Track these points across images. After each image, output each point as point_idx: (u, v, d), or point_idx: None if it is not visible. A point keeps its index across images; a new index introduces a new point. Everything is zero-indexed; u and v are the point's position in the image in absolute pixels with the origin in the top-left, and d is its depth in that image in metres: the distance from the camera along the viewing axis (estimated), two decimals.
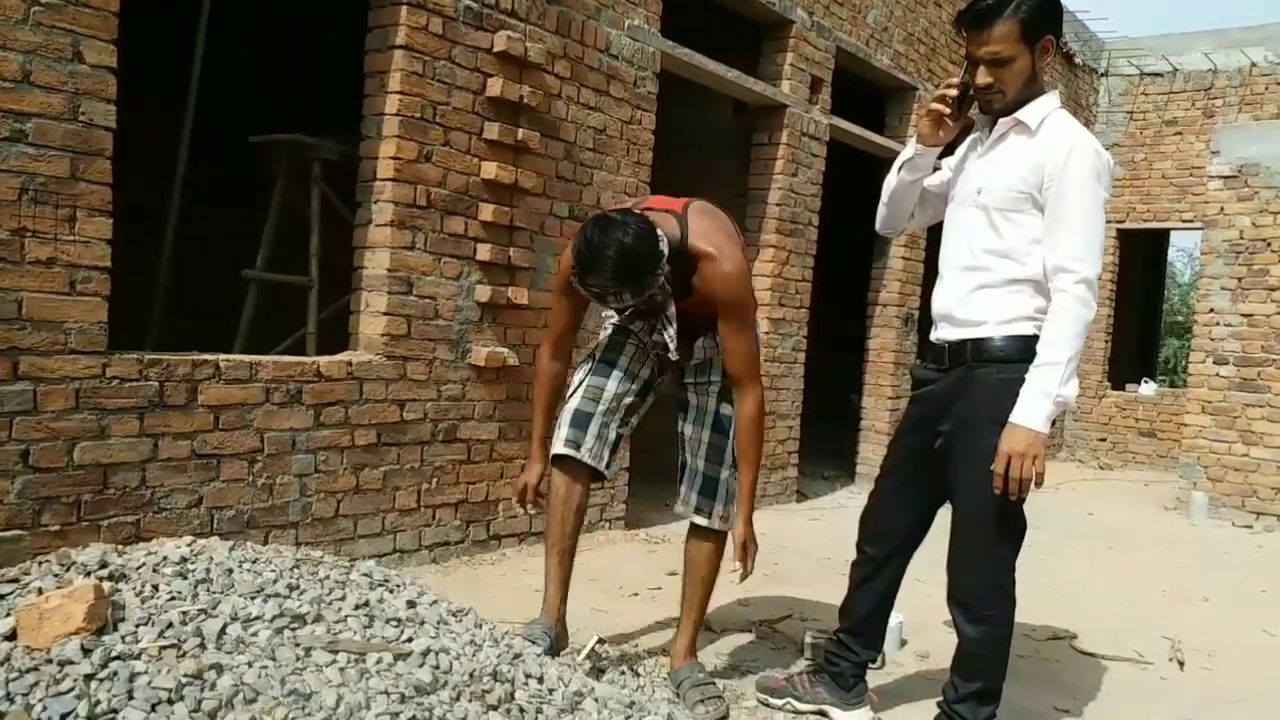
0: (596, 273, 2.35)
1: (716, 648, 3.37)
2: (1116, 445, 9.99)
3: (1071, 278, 2.35)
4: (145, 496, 3.16)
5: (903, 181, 2.75)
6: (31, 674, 1.80)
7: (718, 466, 2.76)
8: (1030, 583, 2.61)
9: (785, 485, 6.32)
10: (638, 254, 2.33)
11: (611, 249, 2.32)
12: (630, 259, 2.32)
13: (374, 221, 3.89)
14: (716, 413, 2.76)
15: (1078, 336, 2.35)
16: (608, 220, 2.38)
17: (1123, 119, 9.96)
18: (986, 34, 2.41)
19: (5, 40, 2.75)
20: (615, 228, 2.34)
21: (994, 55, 2.42)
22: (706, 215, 2.61)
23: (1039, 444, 2.33)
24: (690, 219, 2.55)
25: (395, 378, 3.91)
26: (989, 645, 2.53)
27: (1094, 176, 2.37)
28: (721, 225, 2.62)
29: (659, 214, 2.53)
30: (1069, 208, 2.36)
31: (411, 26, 3.81)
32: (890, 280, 7.27)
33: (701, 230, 2.53)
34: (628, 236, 2.33)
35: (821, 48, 6.11)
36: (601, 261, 2.33)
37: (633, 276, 2.34)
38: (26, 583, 2.13)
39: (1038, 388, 2.34)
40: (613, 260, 2.32)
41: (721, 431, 2.76)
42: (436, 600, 2.46)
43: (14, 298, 2.83)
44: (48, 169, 2.86)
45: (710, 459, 2.78)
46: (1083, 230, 2.36)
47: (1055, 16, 2.47)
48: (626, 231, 2.33)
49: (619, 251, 2.31)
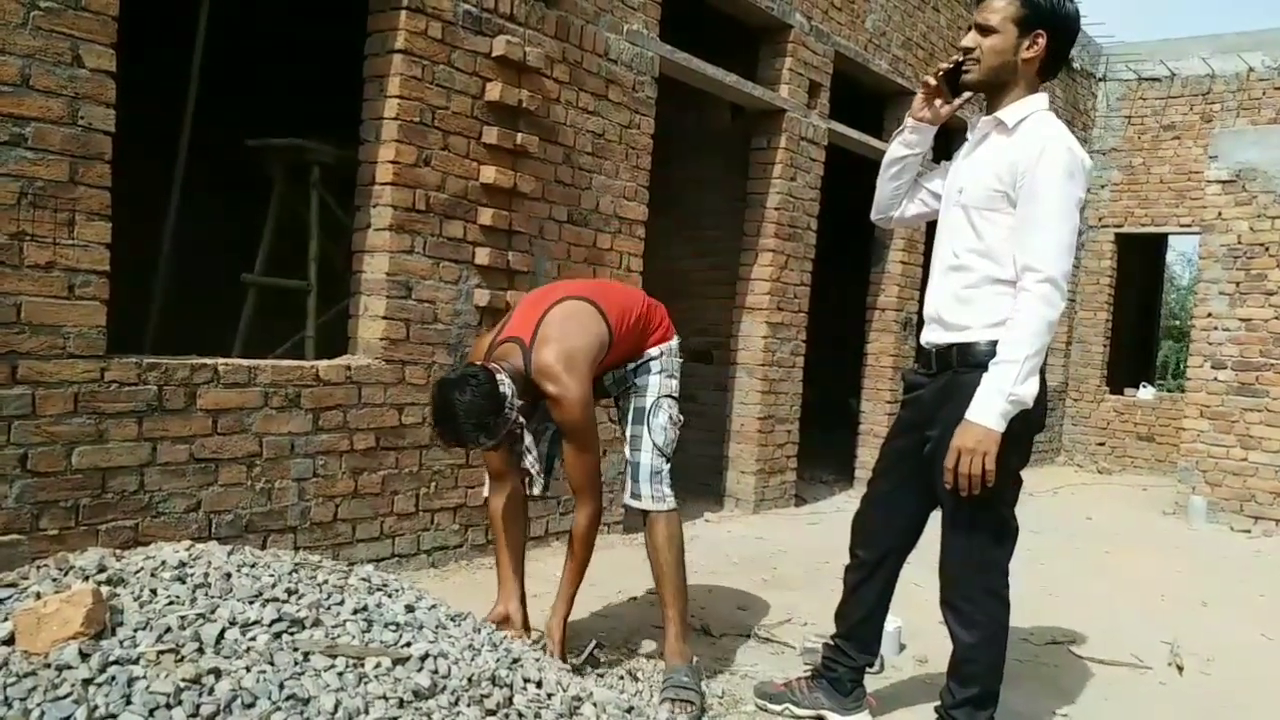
0: (449, 430, 2.63)
1: (715, 652, 3.37)
2: (1115, 449, 9.99)
3: (1035, 276, 2.34)
4: (144, 501, 3.16)
5: (893, 154, 2.77)
6: (29, 679, 1.80)
7: (639, 452, 2.96)
8: (1028, 587, 2.62)
9: (784, 489, 6.32)
10: (478, 407, 2.58)
11: (455, 408, 2.57)
12: (472, 412, 2.58)
13: (373, 225, 3.90)
14: (635, 408, 3.00)
15: (1038, 335, 2.34)
16: (446, 383, 2.64)
17: (1121, 124, 9.98)
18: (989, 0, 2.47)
19: (4, 44, 2.75)
20: (453, 388, 2.59)
21: (984, 21, 2.48)
22: (550, 344, 2.74)
23: (991, 441, 2.33)
24: (535, 351, 2.73)
25: (394, 382, 3.91)
26: (983, 649, 2.53)
27: (1065, 175, 2.37)
28: (564, 353, 2.72)
29: (508, 345, 2.78)
30: (1038, 206, 2.36)
31: (411, 31, 3.82)
32: (889, 284, 7.28)
33: (541, 366, 2.71)
34: (465, 394, 2.58)
35: (820, 52, 6.12)
36: (449, 420, 2.60)
37: (479, 426, 2.60)
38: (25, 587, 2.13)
39: (993, 385, 2.34)
40: (460, 418, 2.58)
41: (639, 422, 2.98)
42: (435, 605, 2.46)
43: (13, 301, 2.83)
44: (47, 173, 2.87)
45: (634, 447, 2.97)
46: (1051, 229, 2.35)
47: (1059, 21, 2.47)
48: (464, 390, 2.58)
49: (462, 409, 2.57)
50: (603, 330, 2.82)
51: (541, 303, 2.86)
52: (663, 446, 2.95)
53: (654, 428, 2.95)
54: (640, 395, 2.99)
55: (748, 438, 6.05)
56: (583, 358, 2.74)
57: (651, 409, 2.96)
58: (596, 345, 2.79)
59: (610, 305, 2.88)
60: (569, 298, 2.87)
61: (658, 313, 3.06)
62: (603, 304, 2.87)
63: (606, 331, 2.83)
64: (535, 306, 2.85)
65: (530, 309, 2.86)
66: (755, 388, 6.01)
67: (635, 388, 3.00)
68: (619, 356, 2.94)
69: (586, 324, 2.81)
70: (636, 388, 3.00)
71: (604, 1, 4.65)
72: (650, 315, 3.02)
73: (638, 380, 3.00)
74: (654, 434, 2.95)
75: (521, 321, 2.83)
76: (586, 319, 2.82)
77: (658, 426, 2.95)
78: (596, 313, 2.84)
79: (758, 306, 6.00)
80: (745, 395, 6.05)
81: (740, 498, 6.08)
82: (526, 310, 2.87)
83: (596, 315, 2.83)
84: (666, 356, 3.02)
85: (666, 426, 2.96)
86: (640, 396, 2.99)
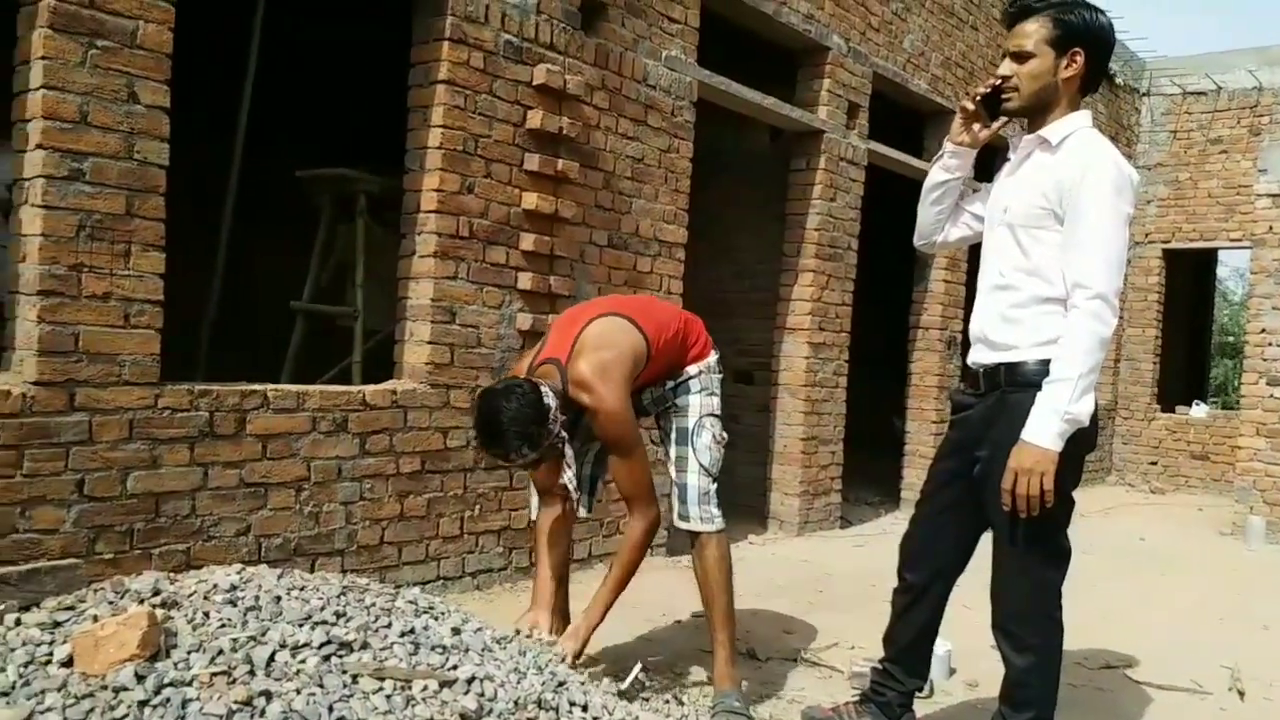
0: (493, 441, 2.61)
1: (762, 676, 3.34)
2: (1168, 469, 9.78)
3: (1085, 294, 2.31)
4: (195, 525, 3.22)
5: (934, 180, 2.76)
6: (87, 700, 1.84)
7: (685, 473, 2.94)
8: (1081, 609, 2.57)
9: (829, 511, 6.27)
10: (524, 416, 2.57)
11: (501, 417, 2.56)
12: (517, 421, 2.56)
13: (418, 252, 3.96)
14: (677, 429, 2.99)
15: (1090, 353, 2.30)
16: (491, 393, 2.64)
17: (1166, 138, 9.84)
18: (1020, 25, 2.46)
19: (64, 83, 2.85)
20: (499, 398, 2.59)
21: (1018, 48, 2.46)
22: (585, 358, 2.73)
23: (1048, 461, 2.29)
24: (570, 367, 2.72)
25: (439, 406, 3.95)
26: (1037, 674, 2.49)
27: (1113, 191, 2.34)
28: (599, 365, 2.72)
29: (546, 367, 2.77)
30: (1085, 223, 2.33)
31: (453, 62, 3.89)
32: (932, 303, 7.22)
33: (578, 379, 2.70)
34: (511, 403, 2.57)
35: (858, 73, 6.12)
36: (495, 430, 2.59)
37: (524, 435, 2.58)
38: (83, 610, 2.18)
39: (1048, 405, 2.30)
40: (504, 427, 2.56)
41: (683, 443, 2.97)
42: (481, 627, 2.48)
43: (72, 331, 2.91)
44: (104, 206, 2.95)
45: (679, 468, 2.96)
46: (1100, 245, 2.32)
47: (1094, 35, 2.45)
48: (509, 399, 2.57)
49: (507, 418, 2.56)
50: (638, 342, 2.81)
51: (575, 323, 2.86)
52: (708, 466, 2.93)
53: (698, 448, 2.94)
54: (682, 415, 2.98)
55: (791, 459, 6.01)
56: (617, 369, 2.73)
57: (695, 429, 2.95)
58: (631, 357, 2.78)
59: (646, 320, 2.87)
60: (602, 315, 2.86)
61: (695, 327, 3.05)
62: (638, 318, 2.86)
63: (643, 343, 2.81)
64: (570, 327, 2.86)
65: (565, 329, 2.86)
66: (798, 409, 5.98)
67: (676, 408, 2.99)
68: (658, 371, 2.92)
69: (620, 337, 2.80)
70: (677, 407, 2.99)
71: (643, 28, 4.70)
72: (688, 330, 3.01)
73: (678, 400, 2.99)
74: (699, 454, 2.93)
75: (557, 342, 2.84)
76: (620, 333, 2.81)
77: (702, 446, 2.94)
78: (631, 326, 2.83)
79: (799, 327, 5.98)
80: (788, 416, 6.02)
81: (784, 520, 6.04)
82: (561, 330, 2.88)
83: (631, 328, 2.83)
84: (706, 374, 3.00)
85: (711, 446, 2.95)
86: (682, 416, 2.98)
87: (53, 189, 2.85)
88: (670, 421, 3.01)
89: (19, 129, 2.91)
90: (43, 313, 2.85)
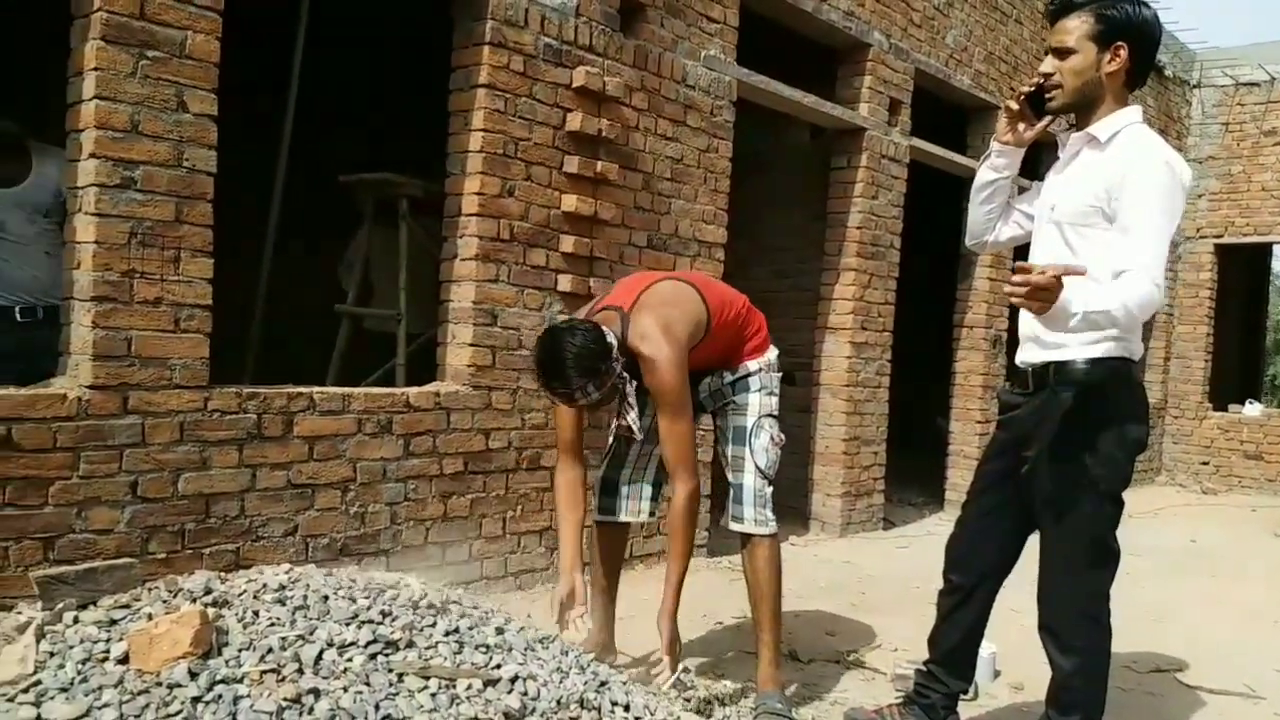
0: (557, 377, 2.60)
1: (804, 677, 3.33)
2: (1220, 469, 9.58)
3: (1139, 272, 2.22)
4: (244, 525, 3.28)
5: (982, 179, 2.73)
6: (143, 696, 1.88)
7: (741, 474, 2.92)
8: (1130, 611, 2.54)
9: (871, 512, 6.22)
10: (588, 351, 2.58)
11: (566, 353, 2.56)
12: (583, 357, 2.57)
13: (459, 256, 3.99)
14: (734, 427, 2.96)
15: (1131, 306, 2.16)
16: (555, 330, 2.65)
17: (1218, 131, 9.63)
18: (1061, 21, 2.43)
19: (116, 93, 2.92)
20: (563, 334, 2.60)
21: (1060, 44, 2.43)
22: (649, 310, 2.73)
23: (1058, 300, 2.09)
24: (633, 316, 2.72)
25: (481, 407, 3.99)
26: (1084, 677, 2.46)
27: (1162, 190, 2.30)
28: (662, 318, 2.71)
29: (606, 313, 2.78)
30: (1136, 222, 2.28)
31: (493, 65, 3.92)
32: (977, 302, 7.14)
33: (639, 329, 2.70)
34: (575, 338, 2.58)
35: (900, 70, 6.07)
36: (559, 365, 2.58)
37: (589, 370, 2.58)
38: (138, 608, 2.23)
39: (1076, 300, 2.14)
40: (569, 362, 2.56)
41: (740, 442, 2.94)
42: (524, 627, 2.49)
43: (124, 336, 2.98)
44: (154, 213, 3.02)
45: (735, 468, 2.93)
46: (1149, 243, 2.26)
47: (1138, 29, 2.41)
48: (574, 335, 2.58)
49: (572, 354, 2.56)
50: (701, 312, 2.80)
51: (641, 281, 2.88)
52: (765, 468, 2.91)
53: (756, 449, 2.91)
54: (740, 414, 2.95)
55: (833, 460, 5.98)
56: (680, 328, 2.72)
57: (753, 429, 2.92)
58: (694, 322, 2.77)
59: (710, 294, 2.88)
60: (670, 279, 2.90)
61: (756, 318, 3.03)
62: (703, 290, 2.87)
63: (704, 313, 2.81)
64: (635, 284, 2.87)
65: (630, 286, 2.87)
66: (840, 409, 5.94)
67: (734, 405, 2.96)
68: (715, 351, 2.89)
69: (685, 301, 2.81)
70: (736, 405, 2.96)
71: (682, 29, 4.70)
72: (749, 317, 2.99)
73: (736, 398, 2.96)
74: (756, 455, 2.91)
75: (622, 293, 2.84)
76: (685, 297, 2.82)
77: (760, 447, 2.91)
78: (696, 295, 2.84)
79: (841, 326, 5.94)
80: (830, 416, 5.99)
81: (826, 521, 6.00)
82: (627, 284, 2.89)
83: (696, 297, 2.83)
84: (766, 372, 2.98)
85: (769, 447, 2.92)
86: (740, 415, 2.95)
87: (105, 197, 2.92)
88: (728, 420, 2.98)
89: (72, 139, 2.99)
90: (97, 318, 2.92)
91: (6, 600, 2.69)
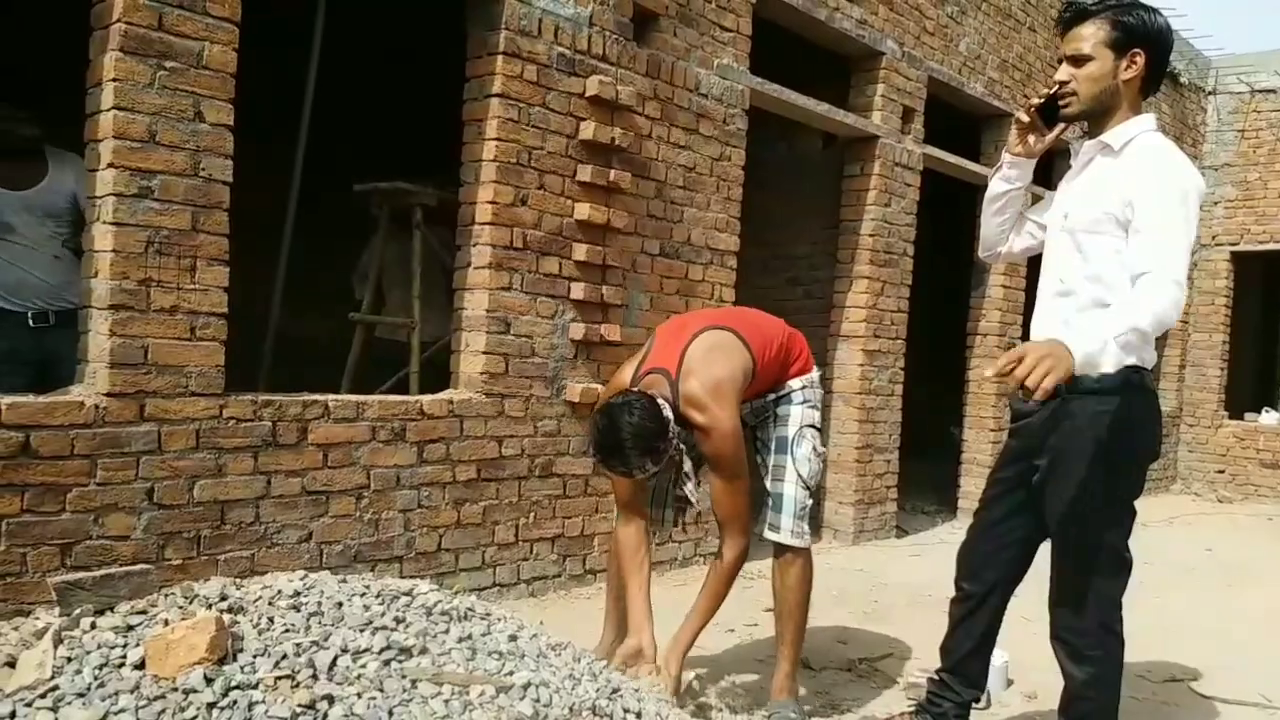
0: (616, 455, 2.57)
1: (816, 686, 3.33)
2: (1236, 477, 9.51)
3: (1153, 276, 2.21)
4: (259, 532, 3.30)
5: (994, 190, 2.72)
6: (159, 702, 1.90)
7: (781, 483, 2.88)
8: (1143, 620, 2.53)
9: (884, 521, 6.21)
10: (647, 430, 2.55)
11: (624, 432, 2.53)
12: (641, 436, 2.54)
13: (473, 264, 4.02)
14: (776, 438, 2.93)
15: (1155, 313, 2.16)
16: (613, 407, 2.59)
17: (1234, 138, 9.59)
18: (1075, 29, 2.42)
19: (134, 104, 2.95)
20: (621, 413, 2.55)
21: (1075, 51, 2.42)
22: (696, 374, 2.68)
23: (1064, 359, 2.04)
24: (682, 385, 2.68)
25: (494, 415, 4.00)
26: (1096, 686, 2.45)
27: (1178, 198, 2.29)
28: (711, 381, 2.67)
29: (654, 377, 2.72)
30: (1152, 230, 2.27)
31: (507, 75, 3.94)
32: (990, 309, 7.12)
33: (690, 397, 2.66)
34: (633, 417, 2.54)
35: (913, 78, 6.07)
36: (618, 445, 2.55)
37: (648, 450, 2.56)
38: (154, 614, 2.25)
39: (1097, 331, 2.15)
40: (628, 443, 2.54)
41: (782, 451, 2.90)
42: (536, 634, 2.50)
43: (141, 344, 3.01)
44: (171, 222, 3.05)
45: (776, 477, 2.90)
46: (1169, 242, 2.25)
47: (1154, 35, 2.41)
48: (631, 413, 2.54)
49: (630, 433, 2.53)
50: (747, 359, 2.76)
51: (682, 333, 2.81)
52: (807, 478, 2.87)
53: (799, 458, 2.87)
54: (783, 425, 2.91)
55: (846, 467, 5.97)
56: (730, 387, 2.69)
57: (795, 439, 2.88)
58: (741, 375, 2.74)
59: (752, 335, 2.83)
60: (710, 327, 2.82)
61: (798, 342, 2.99)
62: (744, 333, 2.82)
63: (750, 360, 2.77)
64: (676, 337, 2.81)
65: (672, 340, 2.81)
66: (852, 416, 5.94)
67: (777, 417, 2.93)
68: (761, 387, 2.88)
69: (730, 354, 2.75)
70: (778, 416, 2.92)
71: (695, 38, 4.72)
72: (790, 345, 2.95)
73: (779, 410, 2.93)
74: (799, 464, 2.87)
75: (664, 352, 2.78)
76: (730, 349, 2.77)
77: (802, 456, 2.88)
78: (739, 342, 2.79)
79: (853, 334, 5.94)
80: (842, 424, 5.98)
81: (839, 529, 5.99)
82: (668, 341, 2.82)
83: (739, 345, 2.78)
84: (810, 388, 2.95)
85: (811, 457, 2.89)
86: (783, 426, 2.91)
87: (123, 206, 2.95)
88: (770, 430, 2.94)
89: (91, 149, 3.03)
90: (114, 326, 2.95)
91: (25, 606, 2.73)
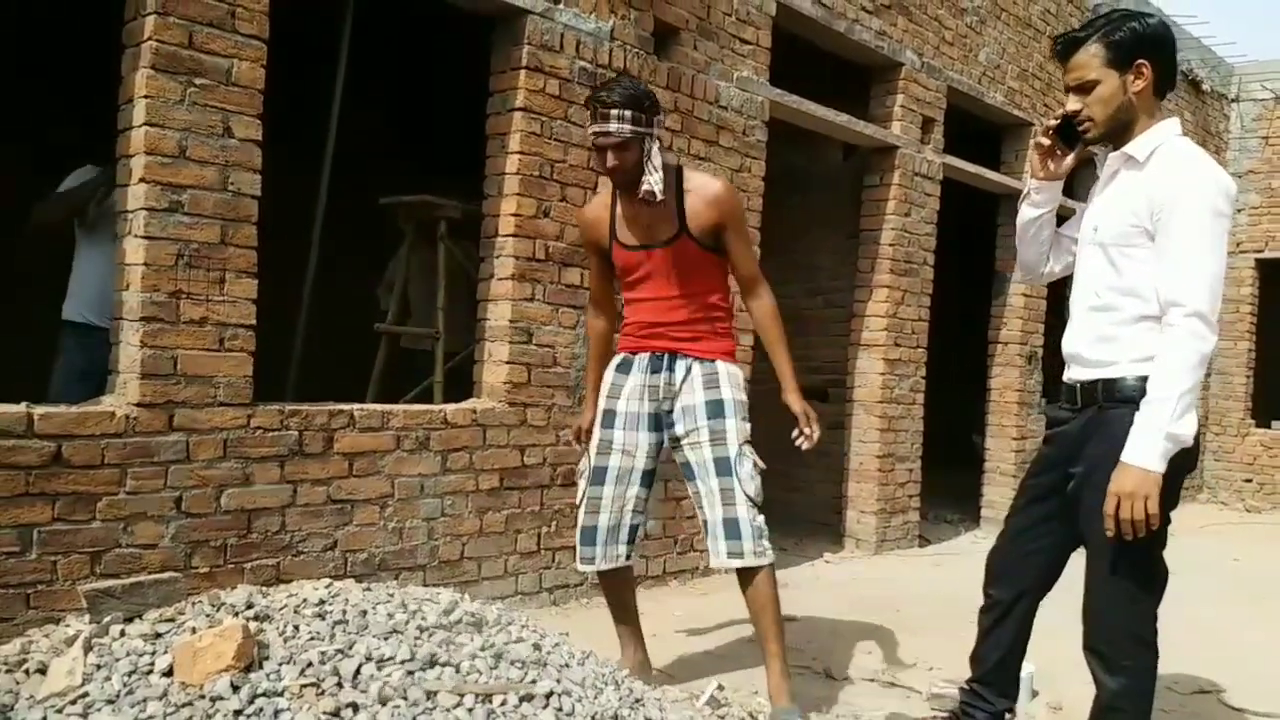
0: (608, 90, 2.81)
1: (839, 696, 3.32)
2: (1264, 486, 9.40)
3: (1181, 311, 2.25)
4: (285, 540, 3.34)
5: (1025, 217, 2.72)
6: (186, 709, 1.93)
7: (733, 507, 2.83)
8: (1172, 631, 2.50)
9: (906, 530, 6.18)
10: (640, 88, 2.86)
11: (624, 82, 2.88)
12: (634, 89, 2.83)
13: (496, 275, 4.05)
14: (713, 459, 2.87)
15: (1190, 370, 2.24)
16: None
17: (1257, 144, 9.51)
18: (1072, 59, 2.42)
19: (165, 120, 3.00)
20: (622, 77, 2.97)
21: (1078, 80, 2.42)
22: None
23: (1150, 483, 2.22)
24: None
25: (517, 424, 4.03)
26: (1129, 698, 2.42)
27: (1208, 204, 2.28)
28: None
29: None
30: (1177, 240, 2.27)
31: (530, 89, 3.98)
32: (1011, 318, 7.09)
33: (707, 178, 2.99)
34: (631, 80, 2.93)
35: (932, 88, 6.07)
36: (614, 85, 2.84)
37: (635, 101, 2.77)
38: (182, 622, 2.29)
39: (1149, 424, 2.24)
40: (621, 87, 2.81)
41: (725, 473, 2.85)
42: (559, 643, 2.52)
43: (170, 355, 3.05)
44: (201, 236, 3.10)
45: (725, 501, 2.84)
46: (1192, 262, 2.26)
47: (1153, 41, 2.40)
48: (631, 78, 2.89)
49: (626, 84, 2.85)
50: None
51: None
52: (754, 497, 2.84)
53: (743, 478, 2.84)
54: (720, 443, 2.86)
55: (867, 477, 5.96)
56: None
57: (737, 459, 2.85)
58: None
59: None
60: None
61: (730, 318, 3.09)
62: None
63: None
64: None
65: None
66: (874, 425, 5.92)
67: (711, 433, 2.87)
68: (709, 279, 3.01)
69: None
70: (712, 433, 2.87)
71: (715, 50, 4.75)
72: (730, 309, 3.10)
73: (712, 423, 2.87)
74: (744, 484, 2.83)
75: None
76: None
77: (746, 476, 2.84)
78: None
79: (874, 343, 5.93)
80: (864, 433, 5.97)
81: (861, 538, 5.98)
82: None
83: None
84: (737, 388, 2.94)
85: (754, 475, 2.86)
86: (720, 446, 2.86)
87: (154, 220, 3.00)
88: (703, 452, 2.88)
89: (122, 164, 3.08)
90: (145, 338, 3.00)
91: (55, 614, 2.77)
